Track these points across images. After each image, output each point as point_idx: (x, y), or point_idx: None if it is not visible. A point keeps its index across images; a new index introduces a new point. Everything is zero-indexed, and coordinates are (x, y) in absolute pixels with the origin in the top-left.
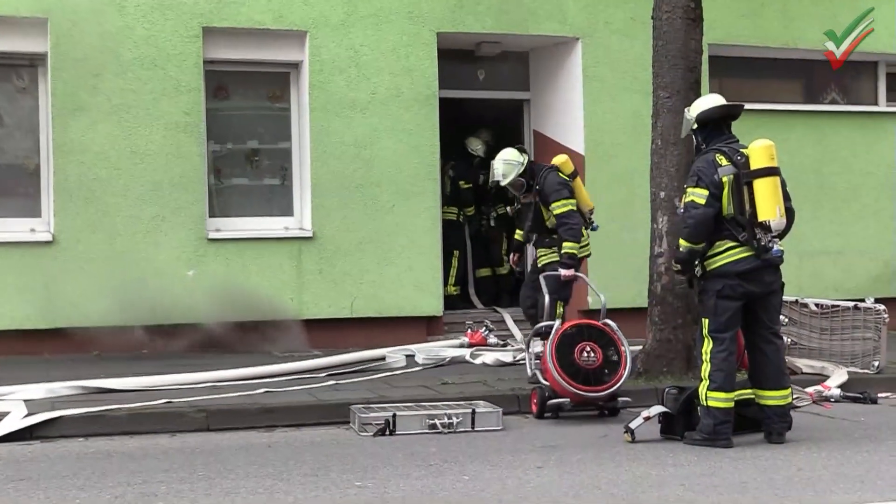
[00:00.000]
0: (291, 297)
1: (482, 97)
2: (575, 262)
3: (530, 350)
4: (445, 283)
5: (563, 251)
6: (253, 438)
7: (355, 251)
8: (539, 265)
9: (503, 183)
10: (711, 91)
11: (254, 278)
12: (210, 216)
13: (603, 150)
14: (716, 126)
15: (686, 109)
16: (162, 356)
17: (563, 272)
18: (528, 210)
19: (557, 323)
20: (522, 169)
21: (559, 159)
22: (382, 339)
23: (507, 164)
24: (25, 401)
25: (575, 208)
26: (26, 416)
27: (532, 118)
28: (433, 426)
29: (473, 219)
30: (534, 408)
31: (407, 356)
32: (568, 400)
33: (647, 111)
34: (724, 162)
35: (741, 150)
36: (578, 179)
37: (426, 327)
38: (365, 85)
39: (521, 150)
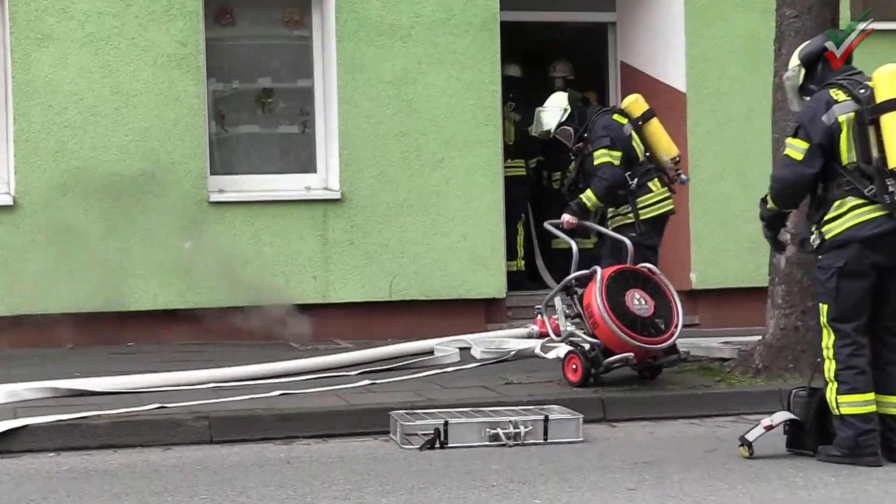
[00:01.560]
0: (314, 275)
1: (555, 20)
2: (583, 211)
3: (553, 304)
4: (509, 258)
5: (577, 197)
6: (268, 453)
7: (395, 217)
8: (611, 228)
9: (553, 133)
10: (846, 8)
11: (267, 252)
12: (211, 173)
13: (710, 85)
14: (828, 62)
15: (784, 72)
16: (152, 350)
17: (565, 217)
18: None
19: (598, 269)
20: (566, 115)
21: (627, 100)
22: (429, 327)
23: (548, 112)
24: None
25: (617, 161)
26: None
27: (619, 46)
28: (495, 437)
29: (543, 175)
30: (572, 375)
31: (461, 349)
32: (632, 355)
33: (768, 35)
34: (841, 97)
35: (865, 81)
36: (655, 120)
37: (484, 313)
38: (406, 6)
39: (577, 97)
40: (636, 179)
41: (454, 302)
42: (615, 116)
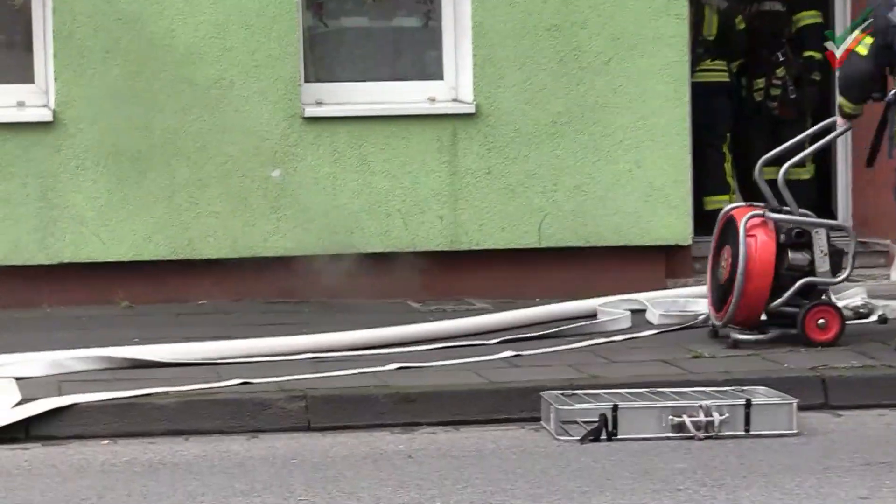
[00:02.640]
0: (440, 214)
1: None
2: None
3: None
4: (717, 192)
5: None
6: (383, 444)
7: (546, 138)
8: None
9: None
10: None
11: (378, 184)
12: (306, 80)
13: None
14: None
15: None
16: (231, 309)
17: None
18: None
19: None
20: None
21: None
22: (591, 283)
23: None
24: (18, 379)
25: (866, 51)
26: (18, 403)
27: None
28: (680, 427)
29: (742, 83)
30: (818, 334)
31: (632, 312)
32: None
33: None
34: None
35: None
36: None
37: (665, 264)
38: None
39: None
40: None
41: (624, 250)
42: None
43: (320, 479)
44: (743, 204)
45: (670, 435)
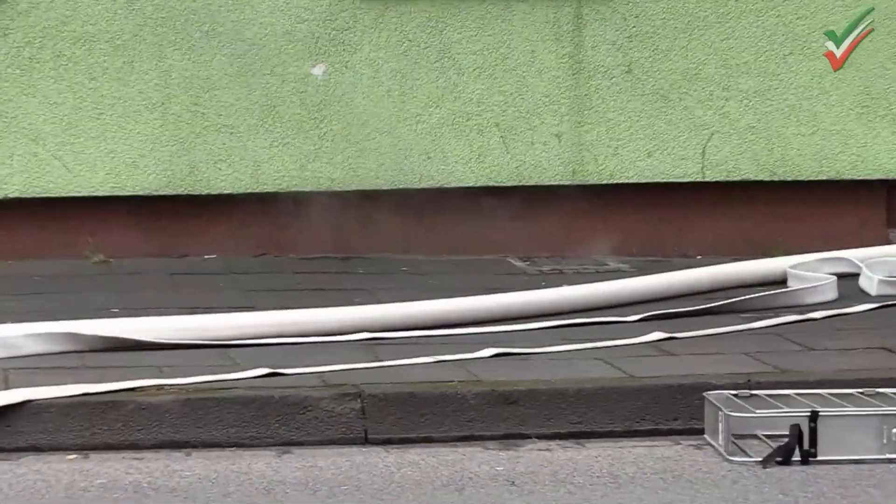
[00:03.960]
0: (557, 130)
1: None
2: None
3: None
4: None
5: None
6: (473, 464)
7: (714, 21)
8: None
9: None
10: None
11: (466, 86)
12: None
13: None
14: None
15: None
16: (252, 268)
17: None
18: None
19: None
20: None
21: None
22: (778, 234)
23: None
24: None
25: None
26: None
27: None
28: None
29: None
30: None
31: (839, 276)
32: None
33: None
34: None
35: None
36: None
37: (887, 207)
38: None
39: None
40: None
41: (826, 186)
42: None
43: None
44: None
45: (894, 456)
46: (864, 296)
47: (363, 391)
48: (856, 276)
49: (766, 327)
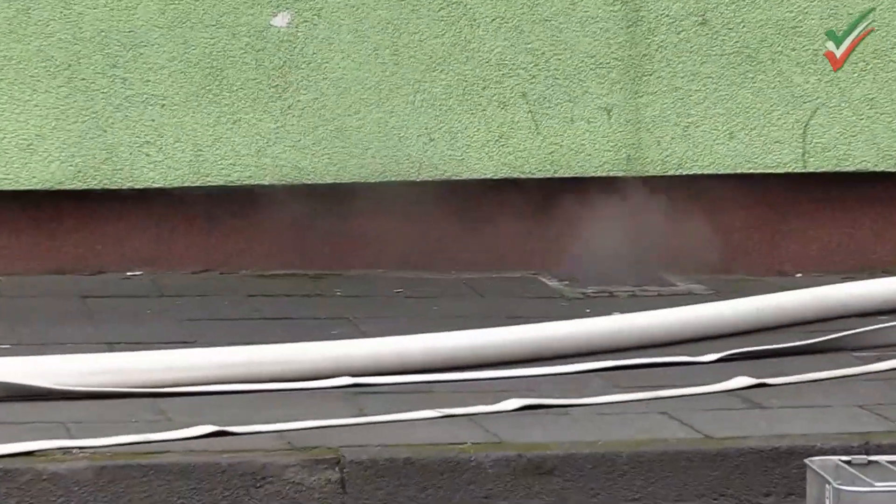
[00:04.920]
0: (605, 102)
1: None
2: None
3: None
4: None
5: None
6: None
7: None
8: None
9: None
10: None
11: (482, 39)
12: None
13: None
14: None
15: None
16: (193, 289)
17: None
18: None
19: None
20: None
21: None
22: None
23: None
24: None
25: None
26: None
27: None
28: None
29: None
30: None
31: None
32: None
33: None
34: None
35: None
36: None
37: None
38: None
39: None
40: None
41: None
42: None
43: None
44: None
45: None
46: None
47: (343, 457)
48: None
49: (891, 370)
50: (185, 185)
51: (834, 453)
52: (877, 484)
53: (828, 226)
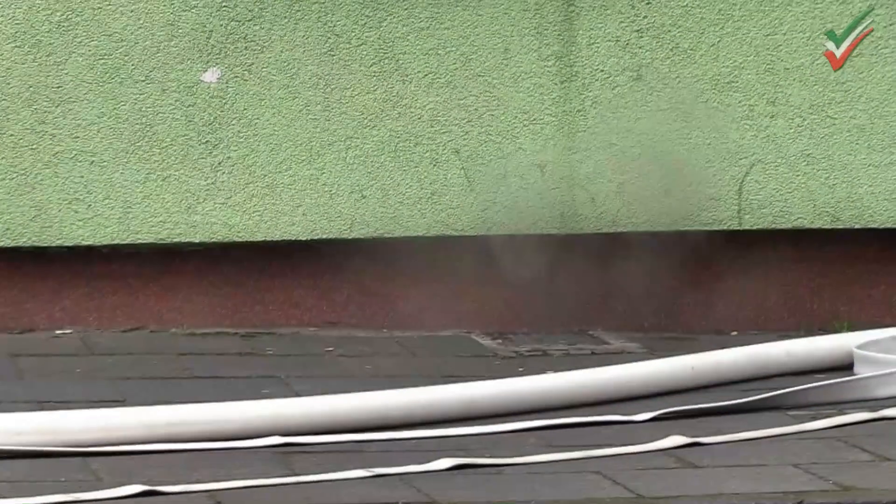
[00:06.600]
0: (537, 160)
1: None
2: None
3: None
4: None
5: None
6: None
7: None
8: None
9: None
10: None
11: (413, 97)
12: None
13: None
14: None
15: None
16: (119, 347)
17: None
18: None
19: None
20: None
21: None
22: (835, 298)
23: None
24: None
25: None
26: None
27: None
28: None
29: None
30: None
31: None
32: None
33: None
34: None
35: None
36: None
37: None
38: None
39: None
40: None
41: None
42: None
43: None
44: None
45: None
46: None
47: None
48: None
49: (825, 429)
50: (115, 242)
51: None
52: None
53: (764, 283)
